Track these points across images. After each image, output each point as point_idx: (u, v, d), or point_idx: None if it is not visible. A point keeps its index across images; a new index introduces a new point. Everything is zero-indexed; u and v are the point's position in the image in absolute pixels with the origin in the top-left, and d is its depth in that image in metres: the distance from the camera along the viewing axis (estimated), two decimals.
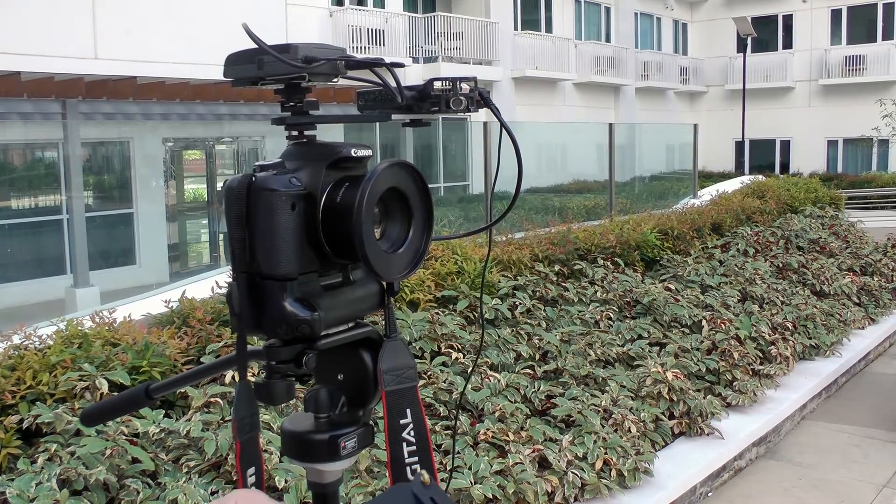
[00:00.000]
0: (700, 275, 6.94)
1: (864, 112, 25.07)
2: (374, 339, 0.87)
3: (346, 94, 12.39)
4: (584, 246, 6.71)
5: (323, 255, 0.81)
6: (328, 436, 0.85)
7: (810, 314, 6.83)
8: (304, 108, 0.85)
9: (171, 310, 4.26)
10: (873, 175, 25.22)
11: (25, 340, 3.65)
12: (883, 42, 26.65)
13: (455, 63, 18.68)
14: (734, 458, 4.80)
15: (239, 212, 0.79)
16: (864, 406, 6.08)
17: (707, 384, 5.27)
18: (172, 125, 14.15)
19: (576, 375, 4.71)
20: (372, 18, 17.49)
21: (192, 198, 15.94)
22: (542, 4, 23.04)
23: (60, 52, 11.58)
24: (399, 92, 0.80)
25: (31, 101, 11.49)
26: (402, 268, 0.82)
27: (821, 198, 11.46)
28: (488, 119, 10.73)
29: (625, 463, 3.97)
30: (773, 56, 28.32)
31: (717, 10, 29.44)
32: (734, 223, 8.93)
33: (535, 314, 5.45)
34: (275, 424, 3.27)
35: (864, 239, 9.93)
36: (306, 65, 0.79)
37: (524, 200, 14.18)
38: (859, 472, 4.86)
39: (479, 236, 6.03)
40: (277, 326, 0.80)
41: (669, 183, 19.49)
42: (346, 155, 0.82)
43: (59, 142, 12.33)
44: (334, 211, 0.80)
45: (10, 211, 12.85)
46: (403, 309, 4.79)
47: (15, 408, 3.17)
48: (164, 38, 12.80)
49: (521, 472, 3.57)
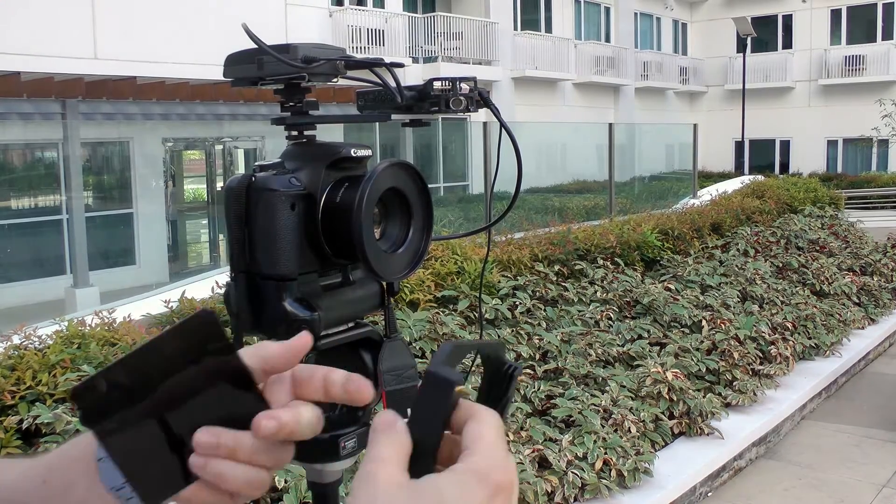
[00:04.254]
0: (700, 275, 6.94)
1: (864, 112, 25.08)
2: (374, 340, 0.87)
3: (346, 94, 12.39)
4: (583, 246, 6.71)
5: (322, 255, 0.81)
6: (328, 436, 0.85)
7: (810, 314, 6.83)
8: (304, 109, 0.85)
9: (170, 310, 4.26)
10: (873, 175, 25.24)
11: (25, 340, 3.65)
12: (883, 42, 26.67)
13: (455, 63, 18.68)
14: (734, 458, 4.80)
15: (238, 212, 0.79)
16: (864, 406, 6.08)
17: (707, 384, 5.27)
18: (172, 125, 14.15)
19: (576, 375, 4.71)
20: (372, 18, 17.50)
21: (191, 198, 15.95)
22: (542, 4, 23.04)
23: (60, 52, 11.59)
24: (399, 92, 0.80)
25: (31, 101, 11.49)
26: (401, 268, 0.82)
27: (820, 198, 11.46)
28: (488, 119, 10.74)
29: (625, 463, 3.97)
30: (772, 56, 28.34)
31: (717, 10, 29.46)
32: (734, 223, 8.93)
33: (535, 314, 5.45)
34: None
35: (863, 239, 9.93)
36: (306, 65, 0.79)
37: (524, 200, 14.19)
38: (859, 471, 4.86)
39: (479, 236, 6.04)
40: (277, 326, 0.80)
41: (669, 183, 19.50)
42: (346, 155, 0.82)
43: (59, 142, 12.33)
44: (334, 211, 0.80)
45: (10, 211, 12.86)
46: (403, 309, 4.79)
47: (15, 408, 3.17)
48: (164, 38, 12.81)
49: (520, 472, 3.57)
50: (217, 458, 0.56)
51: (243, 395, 0.57)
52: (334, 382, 0.59)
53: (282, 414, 0.56)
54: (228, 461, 0.56)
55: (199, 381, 0.56)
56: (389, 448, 0.50)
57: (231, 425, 0.56)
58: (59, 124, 11.74)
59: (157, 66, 12.44)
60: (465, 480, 0.48)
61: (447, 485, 0.48)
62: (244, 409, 0.56)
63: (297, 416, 0.57)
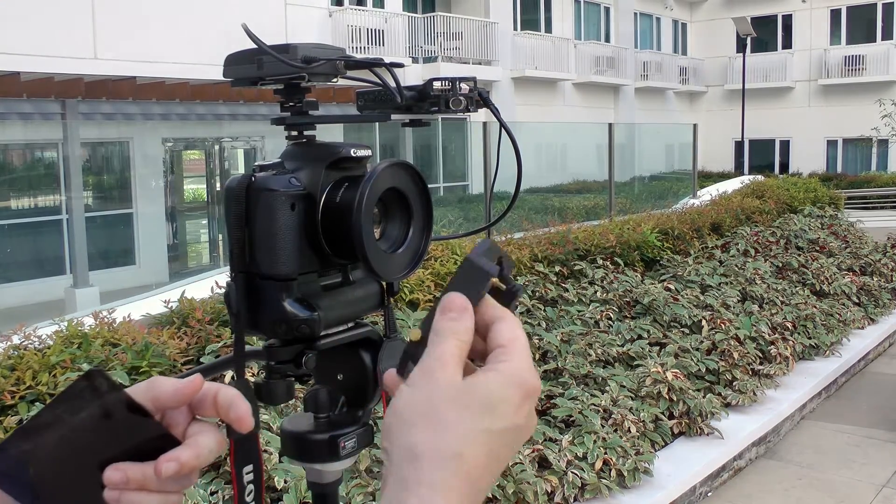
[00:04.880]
0: (700, 275, 6.94)
1: (864, 112, 25.09)
2: (373, 340, 0.87)
3: (346, 94, 12.39)
4: (583, 246, 6.71)
5: (322, 255, 0.81)
6: (328, 436, 0.85)
7: (810, 314, 6.83)
8: (304, 109, 0.85)
9: (170, 310, 4.26)
10: (873, 175, 25.23)
11: (25, 340, 3.65)
12: (882, 42, 26.67)
13: (454, 63, 18.68)
14: (734, 458, 4.80)
15: (238, 212, 0.79)
16: (864, 406, 6.08)
17: (707, 384, 5.27)
18: (172, 125, 14.15)
19: (576, 375, 4.71)
20: (371, 18, 17.50)
21: (191, 198, 15.94)
22: (542, 4, 23.04)
23: (60, 52, 11.59)
24: (398, 92, 0.80)
25: (31, 101, 11.49)
26: (401, 268, 0.82)
27: (820, 198, 11.46)
28: (488, 119, 10.74)
29: (624, 463, 3.97)
30: (772, 56, 28.34)
31: (717, 10, 29.45)
32: (734, 223, 8.93)
33: (535, 314, 5.45)
34: (274, 424, 3.27)
35: (863, 239, 9.93)
36: (306, 65, 0.79)
37: (524, 200, 14.19)
38: (859, 472, 4.86)
39: (479, 236, 6.03)
40: (277, 326, 0.80)
41: (669, 183, 19.50)
42: (346, 155, 0.82)
43: (59, 142, 12.33)
44: (334, 211, 0.80)
45: (10, 211, 12.85)
46: (403, 309, 4.79)
47: (14, 408, 3.17)
48: (164, 39, 12.81)
49: (520, 472, 3.57)
50: (129, 491, 0.59)
51: (142, 422, 0.59)
52: (221, 405, 0.62)
53: (181, 454, 0.59)
54: (140, 492, 0.59)
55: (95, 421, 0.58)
56: (452, 346, 0.54)
57: (137, 453, 0.59)
58: (58, 124, 11.74)
59: (156, 66, 12.44)
60: (509, 383, 0.53)
61: (496, 387, 0.53)
62: (145, 434, 0.59)
63: (197, 450, 0.60)
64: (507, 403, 0.53)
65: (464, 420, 0.52)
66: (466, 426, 0.52)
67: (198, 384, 0.61)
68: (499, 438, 0.53)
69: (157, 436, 0.60)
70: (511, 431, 0.53)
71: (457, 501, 0.50)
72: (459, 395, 0.53)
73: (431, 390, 0.53)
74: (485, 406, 0.52)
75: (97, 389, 0.58)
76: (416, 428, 0.53)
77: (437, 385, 0.53)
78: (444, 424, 0.52)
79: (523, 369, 0.54)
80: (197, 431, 0.61)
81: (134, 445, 0.59)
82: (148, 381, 0.62)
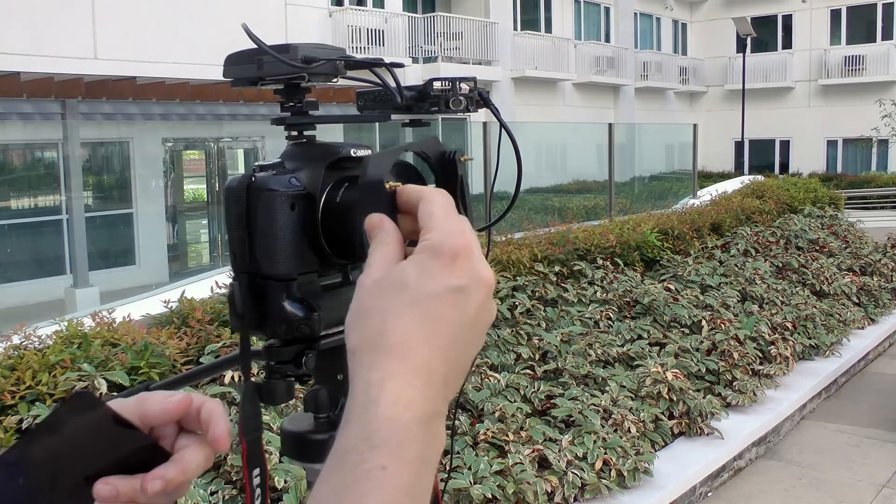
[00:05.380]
0: (700, 275, 6.94)
1: (864, 112, 25.10)
2: None
3: (346, 94, 12.39)
4: (583, 246, 6.71)
5: (322, 255, 0.81)
6: (328, 436, 0.85)
7: (810, 314, 6.83)
8: (304, 109, 0.85)
9: (170, 310, 4.26)
10: (873, 175, 25.23)
11: (25, 340, 3.65)
12: (882, 42, 26.67)
13: (454, 63, 18.68)
14: (734, 458, 4.80)
15: (238, 212, 0.79)
16: (864, 406, 6.08)
17: (707, 384, 5.27)
18: (172, 125, 14.15)
19: (576, 375, 4.71)
20: (371, 18, 17.50)
21: (191, 198, 15.95)
22: (542, 4, 23.04)
23: (60, 52, 11.59)
24: (398, 92, 0.80)
25: (31, 102, 11.48)
26: None
27: (820, 198, 11.46)
28: (488, 119, 10.75)
29: (624, 463, 3.97)
30: (772, 56, 28.34)
31: (717, 10, 29.46)
32: (734, 223, 8.93)
33: (535, 314, 5.45)
34: (275, 424, 3.27)
35: (863, 239, 9.93)
36: (306, 65, 0.79)
37: (524, 200, 14.19)
38: (859, 472, 4.86)
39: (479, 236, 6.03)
40: (277, 326, 0.80)
41: (669, 183, 19.50)
42: (346, 155, 0.82)
43: (59, 142, 12.33)
44: (334, 211, 0.80)
45: (10, 211, 12.85)
46: None
47: (14, 408, 3.17)
48: (164, 38, 12.81)
49: (520, 472, 3.57)
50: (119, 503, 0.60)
51: (130, 433, 0.60)
52: (203, 421, 0.62)
53: (167, 471, 0.60)
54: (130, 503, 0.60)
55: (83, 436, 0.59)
56: (378, 254, 0.56)
57: (126, 465, 0.60)
58: (58, 124, 11.74)
59: (156, 66, 12.44)
60: (422, 259, 0.54)
61: (408, 267, 0.54)
62: (133, 444, 0.60)
63: (183, 465, 0.60)
64: (424, 273, 0.53)
65: (381, 302, 0.53)
66: (383, 305, 0.53)
67: (185, 404, 0.62)
68: (430, 304, 0.52)
69: (146, 446, 0.60)
70: (447, 294, 0.53)
71: (399, 373, 0.51)
72: (377, 285, 0.54)
73: (359, 296, 0.55)
74: (399, 282, 0.53)
75: (84, 408, 0.58)
76: (352, 330, 0.54)
77: (363, 287, 0.55)
78: (367, 313, 0.53)
79: (441, 238, 0.55)
80: (184, 445, 0.62)
81: (123, 457, 0.60)
82: (137, 396, 0.63)
